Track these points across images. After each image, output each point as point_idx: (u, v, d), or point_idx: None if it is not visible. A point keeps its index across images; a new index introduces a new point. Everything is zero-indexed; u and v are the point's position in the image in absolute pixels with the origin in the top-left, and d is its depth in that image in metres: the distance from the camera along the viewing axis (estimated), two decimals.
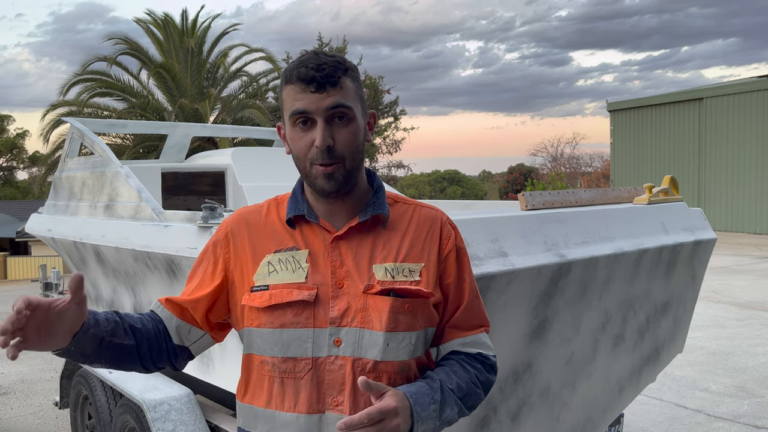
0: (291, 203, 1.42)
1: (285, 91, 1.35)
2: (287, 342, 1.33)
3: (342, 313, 1.32)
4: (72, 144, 4.61)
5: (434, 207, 1.49)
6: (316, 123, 1.31)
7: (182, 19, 18.78)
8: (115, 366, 1.36)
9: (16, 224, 26.65)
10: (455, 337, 1.43)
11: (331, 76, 1.30)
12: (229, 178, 5.26)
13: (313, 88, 1.30)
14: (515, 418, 2.51)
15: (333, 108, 1.31)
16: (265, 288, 1.35)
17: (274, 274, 1.36)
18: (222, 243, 1.45)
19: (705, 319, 7.74)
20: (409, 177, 37.37)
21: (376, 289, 1.32)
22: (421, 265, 1.37)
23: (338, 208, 1.40)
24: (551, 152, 38.49)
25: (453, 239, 1.44)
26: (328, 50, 17.70)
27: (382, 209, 1.40)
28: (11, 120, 45.95)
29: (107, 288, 4.08)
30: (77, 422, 4.06)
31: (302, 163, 1.35)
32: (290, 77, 1.33)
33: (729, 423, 4.61)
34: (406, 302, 1.33)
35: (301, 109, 1.31)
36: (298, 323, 1.32)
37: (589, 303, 2.61)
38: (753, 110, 18.71)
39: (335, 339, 1.32)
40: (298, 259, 1.36)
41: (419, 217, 1.44)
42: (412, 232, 1.41)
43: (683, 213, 3.14)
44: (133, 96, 17.73)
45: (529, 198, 2.58)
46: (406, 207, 1.46)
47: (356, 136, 1.35)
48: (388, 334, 1.32)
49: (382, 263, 1.35)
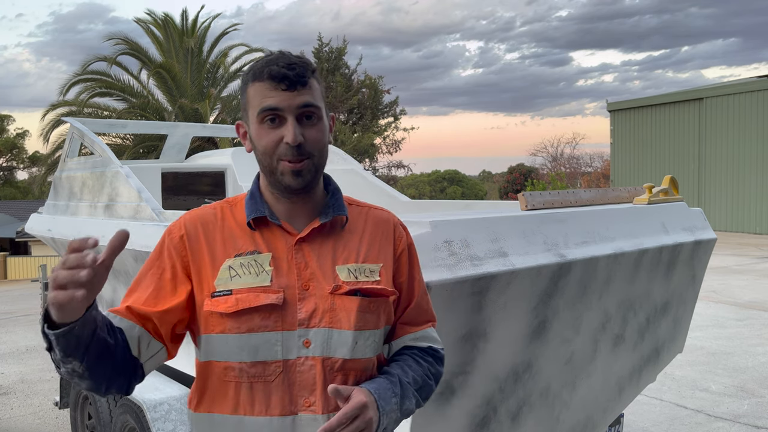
0: (250, 205, 1.40)
1: (252, 89, 1.35)
2: (256, 346, 1.32)
3: (310, 314, 1.34)
4: (72, 144, 4.61)
5: (385, 209, 1.54)
6: (285, 120, 1.32)
7: (182, 19, 18.80)
8: (89, 369, 1.21)
9: (16, 224, 26.66)
10: (406, 332, 1.48)
11: (302, 76, 1.32)
12: (229, 178, 5.26)
13: (285, 86, 1.31)
14: (515, 418, 2.51)
15: (304, 107, 1.32)
16: (229, 293, 1.32)
17: (236, 278, 1.34)
18: (178, 247, 1.39)
19: (705, 319, 7.74)
20: (409, 177, 37.34)
21: (345, 290, 1.35)
22: (380, 265, 1.42)
23: (299, 209, 1.40)
24: (551, 152, 38.51)
25: (405, 240, 1.50)
26: (328, 50, 17.66)
27: (342, 211, 1.42)
28: (11, 120, 45.95)
29: (107, 288, 4.08)
30: (77, 422, 4.06)
31: (268, 159, 1.34)
32: (259, 75, 1.33)
33: (729, 423, 4.60)
34: (372, 301, 1.38)
35: (272, 105, 1.31)
36: (266, 327, 1.32)
37: (589, 303, 2.61)
38: (753, 110, 18.71)
39: (304, 340, 1.33)
40: (260, 263, 1.35)
41: (374, 219, 1.48)
42: (369, 234, 1.45)
43: (683, 213, 3.14)
44: (133, 96, 17.75)
45: (529, 198, 2.58)
46: (359, 209, 1.49)
47: (324, 134, 1.37)
48: (357, 333, 1.35)
49: (345, 264, 1.38)
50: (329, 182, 1.48)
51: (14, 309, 10.58)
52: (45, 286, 7.32)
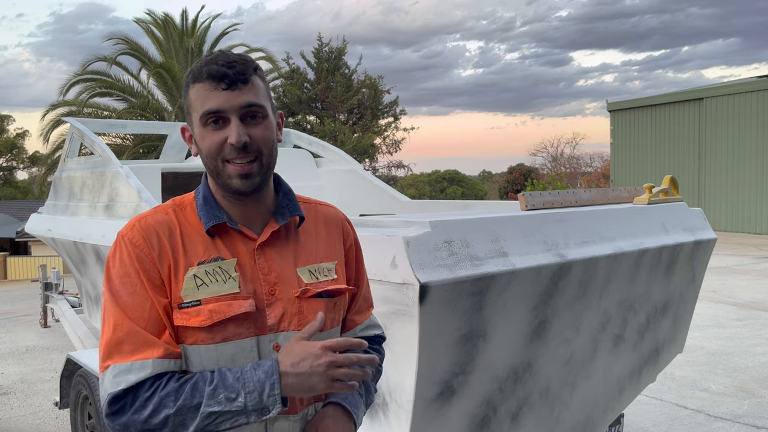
0: (205, 210, 1.33)
1: (193, 91, 1.30)
2: (232, 354, 1.29)
3: (279, 319, 1.33)
4: (72, 144, 4.62)
5: (331, 205, 1.55)
6: (228, 121, 1.28)
7: (182, 19, 18.81)
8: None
9: (16, 224, 26.65)
10: (355, 324, 1.54)
11: (242, 74, 1.28)
12: None
13: (225, 85, 1.27)
14: (515, 418, 2.51)
15: (247, 107, 1.28)
16: (197, 303, 1.27)
17: (203, 287, 1.28)
18: (147, 255, 1.29)
19: (705, 319, 7.74)
20: (409, 177, 37.34)
21: (312, 293, 1.36)
22: (334, 262, 1.45)
23: (253, 211, 1.37)
24: (551, 152, 38.54)
25: (351, 235, 1.54)
26: (328, 50, 17.65)
27: (298, 211, 1.41)
28: (11, 120, 45.97)
29: None
30: (77, 422, 4.05)
31: (213, 162, 1.30)
32: (199, 75, 1.29)
33: (729, 423, 4.60)
34: (334, 300, 1.42)
35: (214, 108, 1.27)
36: (240, 334, 1.30)
37: (589, 303, 2.61)
38: (753, 110, 18.71)
39: (274, 344, 1.33)
40: (225, 269, 1.30)
41: (323, 217, 1.49)
42: (322, 232, 1.47)
43: (683, 213, 3.14)
44: (133, 96, 17.76)
45: (529, 198, 2.58)
46: (308, 206, 1.49)
47: (271, 132, 1.33)
48: (325, 333, 1.39)
49: (305, 265, 1.39)
50: (279, 182, 1.45)
51: (14, 309, 10.58)
52: (45, 286, 7.33)
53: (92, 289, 4.39)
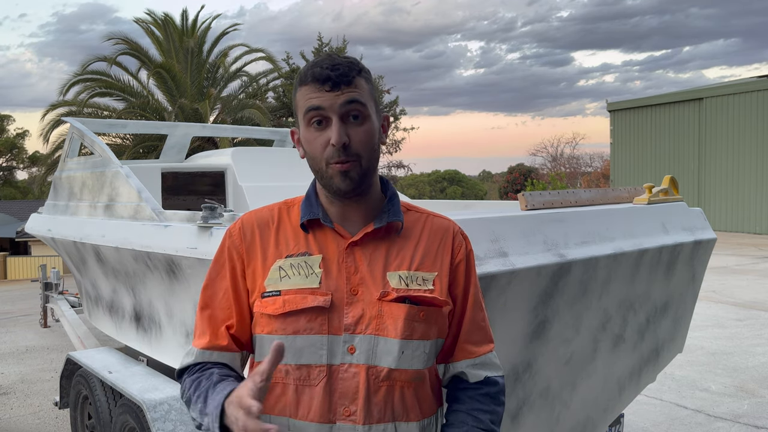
0: (305, 207, 1.38)
1: (299, 93, 1.33)
2: (300, 349, 1.30)
3: (356, 320, 1.31)
4: (72, 144, 4.61)
5: (446, 217, 1.48)
6: (331, 122, 1.29)
7: (182, 19, 18.79)
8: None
9: (16, 224, 26.64)
10: (466, 356, 1.43)
11: (345, 75, 1.29)
12: (229, 178, 5.26)
13: (328, 86, 1.28)
14: (515, 418, 2.51)
15: (348, 104, 1.28)
16: (277, 293, 1.32)
17: (285, 279, 1.33)
18: (237, 247, 1.40)
19: (705, 319, 7.74)
20: (409, 177, 37.36)
21: (392, 296, 1.31)
22: (434, 274, 1.37)
23: (353, 212, 1.37)
24: (551, 152, 38.53)
25: (464, 249, 1.44)
26: (328, 50, 17.73)
27: (398, 217, 1.39)
28: (11, 120, 45.97)
29: (107, 288, 4.08)
30: (77, 422, 4.05)
31: (318, 163, 1.32)
32: (305, 78, 1.31)
33: (729, 423, 4.60)
34: (422, 310, 1.33)
35: (315, 105, 1.29)
36: (311, 329, 1.30)
37: (589, 303, 2.61)
38: (753, 110, 18.71)
39: (349, 346, 1.30)
40: (310, 264, 1.33)
41: (432, 227, 1.43)
42: (425, 241, 1.40)
43: (683, 213, 3.14)
44: (133, 96, 17.73)
45: (529, 198, 2.58)
46: (418, 215, 1.45)
47: (371, 135, 1.33)
48: (403, 342, 1.31)
49: (396, 271, 1.34)
50: (388, 187, 1.44)
51: (14, 309, 10.58)
52: (45, 286, 7.32)
53: (92, 289, 4.39)
